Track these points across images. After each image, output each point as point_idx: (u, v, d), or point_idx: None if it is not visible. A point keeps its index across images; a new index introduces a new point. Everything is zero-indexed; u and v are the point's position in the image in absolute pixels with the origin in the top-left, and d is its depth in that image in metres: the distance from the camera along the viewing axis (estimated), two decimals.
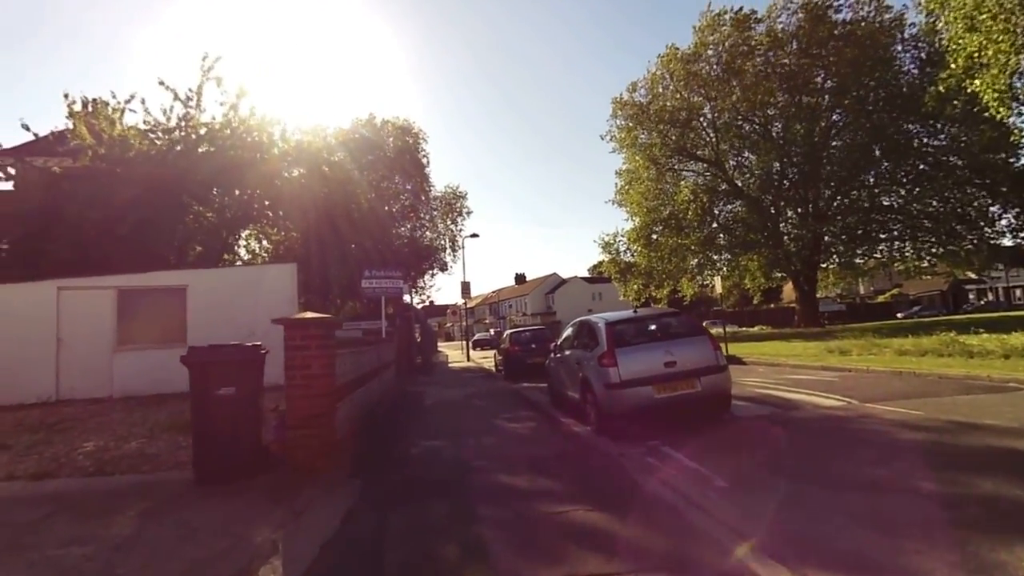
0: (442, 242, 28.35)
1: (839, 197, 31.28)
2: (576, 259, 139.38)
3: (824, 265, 33.70)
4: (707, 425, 7.14)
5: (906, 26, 27.62)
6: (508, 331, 19.63)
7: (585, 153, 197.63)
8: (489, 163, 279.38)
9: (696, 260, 33.88)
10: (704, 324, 12.97)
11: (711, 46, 31.83)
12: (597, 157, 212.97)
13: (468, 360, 28.01)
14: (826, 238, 30.84)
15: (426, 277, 28.95)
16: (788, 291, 58.22)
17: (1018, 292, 53.21)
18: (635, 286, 34.88)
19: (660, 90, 34.45)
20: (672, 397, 6.65)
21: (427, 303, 30.86)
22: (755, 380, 11.30)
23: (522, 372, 15.64)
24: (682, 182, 33.93)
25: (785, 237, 31.73)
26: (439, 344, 59.95)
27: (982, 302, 52.99)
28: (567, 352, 8.76)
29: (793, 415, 7.40)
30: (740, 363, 15.26)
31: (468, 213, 28.65)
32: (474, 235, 28.98)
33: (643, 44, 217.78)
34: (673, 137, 33.30)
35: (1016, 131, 23.78)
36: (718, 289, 23.70)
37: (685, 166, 35.60)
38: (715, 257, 34.19)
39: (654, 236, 33.81)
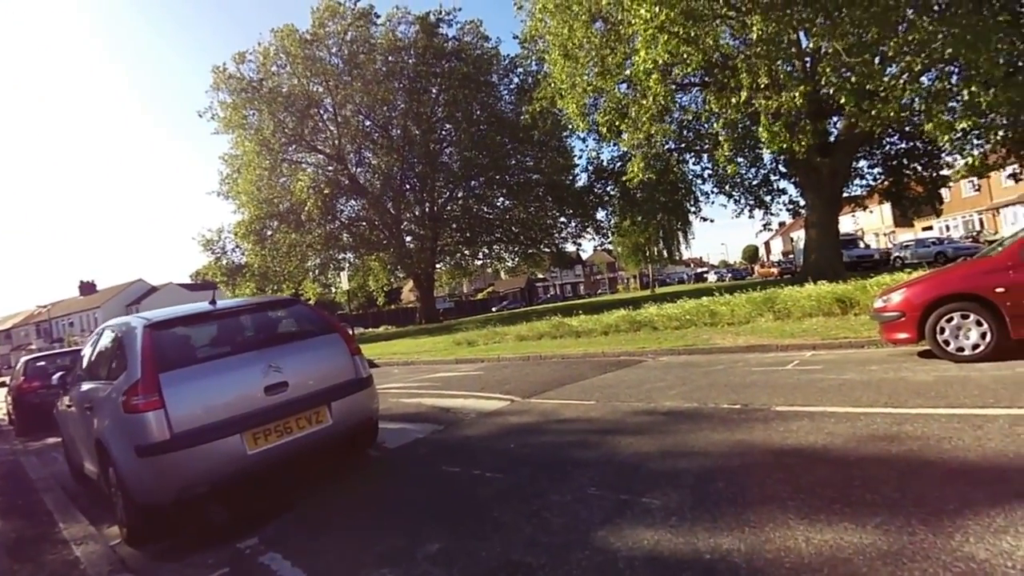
0: None
1: (451, 203, 33.58)
2: (176, 264, 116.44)
3: (440, 265, 35.75)
4: (343, 475, 4.47)
5: (503, 59, 31.41)
6: (24, 358, 12.34)
7: (183, 134, 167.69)
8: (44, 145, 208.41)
9: (318, 259, 31.10)
10: None
11: (333, 36, 29.69)
12: (198, 139, 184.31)
13: None
14: (441, 240, 32.61)
15: None
16: (407, 293, 61.65)
17: (568, 287, 71.02)
18: (248, 290, 29.51)
19: (275, 69, 30.46)
20: (282, 447, 3.69)
21: None
22: (397, 386, 9.30)
23: (45, 423, 9.74)
24: (301, 174, 30.52)
25: (408, 237, 32.12)
26: None
27: (548, 295, 67.93)
28: (82, 388, 4.69)
29: (463, 433, 5.39)
30: (373, 366, 13.17)
31: None
32: None
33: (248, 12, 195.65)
34: (291, 124, 29.67)
35: (575, 153, 29.85)
36: (344, 286, 21.56)
37: (304, 157, 32.38)
38: (339, 256, 32.09)
39: (269, 232, 29.49)
